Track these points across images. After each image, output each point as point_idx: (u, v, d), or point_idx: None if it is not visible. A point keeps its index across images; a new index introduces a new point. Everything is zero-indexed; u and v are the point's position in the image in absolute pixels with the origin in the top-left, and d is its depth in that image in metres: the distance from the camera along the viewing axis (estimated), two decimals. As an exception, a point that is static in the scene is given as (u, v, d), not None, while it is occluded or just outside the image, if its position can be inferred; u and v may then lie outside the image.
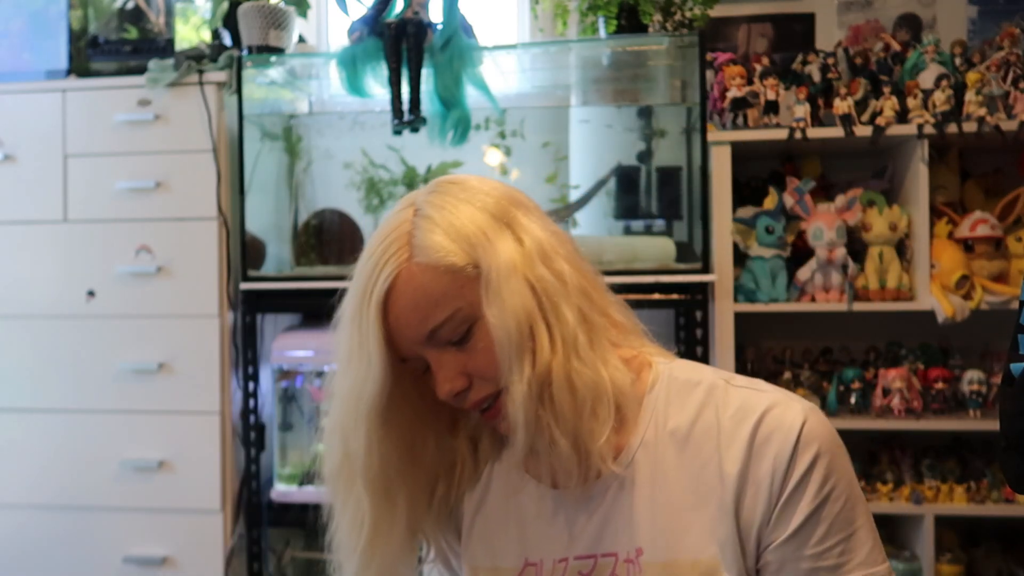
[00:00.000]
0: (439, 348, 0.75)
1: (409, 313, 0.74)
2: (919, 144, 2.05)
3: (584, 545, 0.79)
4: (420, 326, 0.74)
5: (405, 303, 0.74)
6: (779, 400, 0.77)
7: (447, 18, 2.00)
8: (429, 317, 0.74)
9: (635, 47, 2.16)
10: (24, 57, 2.29)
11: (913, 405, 2.05)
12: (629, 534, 0.77)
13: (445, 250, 0.74)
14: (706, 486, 0.75)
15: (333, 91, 2.38)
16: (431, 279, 0.74)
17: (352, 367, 0.76)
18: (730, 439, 0.75)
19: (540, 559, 0.81)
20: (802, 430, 0.74)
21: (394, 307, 0.74)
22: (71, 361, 2.15)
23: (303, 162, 2.43)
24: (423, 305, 0.74)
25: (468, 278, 0.74)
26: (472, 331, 0.74)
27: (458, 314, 0.74)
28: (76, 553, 2.14)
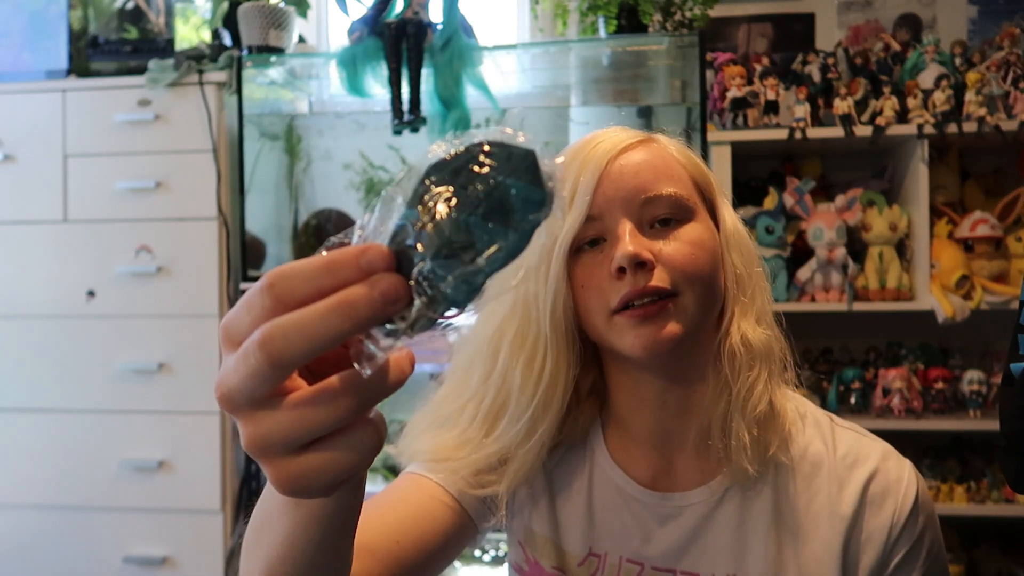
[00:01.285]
0: (639, 223, 0.71)
1: (642, 168, 0.71)
2: (919, 144, 2.05)
3: (662, 556, 0.75)
4: (647, 184, 0.71)
5: (640, 162, 0.72)
6: (890, 453, 0.77)
7: (447, 18, 2.00)
8: (659, 183, 0.71)
9: (635, 47, 2.16)
10: (24, 57, 2.29)
11: (913, 405, 2.05)
12: (718, 558, 0.73)
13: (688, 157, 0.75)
14: (811, 523, 0.73)
15: (333, 91, 2.38)
16: (671, 160, 0.74)
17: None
18: (842, 481, 0.74)
19: (605, 552, 0.77)
20: (919, 493, 0.74)
21: (626, 158, 0.72)
22: (71, 361, 2.15)
23: (303, 162, 2.43)
24: (660, 170, 0.72)
25: (698, 193, 0.74)
26: (682, 224, 0.71)
27: (684, 199, 0.72)
28: (76, 553, 2.14)
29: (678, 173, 0.73)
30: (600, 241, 0.71)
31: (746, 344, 0.72)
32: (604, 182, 0.70)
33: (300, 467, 0.38)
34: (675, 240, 0.70)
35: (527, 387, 0.72)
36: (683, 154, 0.75)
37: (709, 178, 0.76)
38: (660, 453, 0.77)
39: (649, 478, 0.77)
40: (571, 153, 0.73)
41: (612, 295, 0.69)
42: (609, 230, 0.71)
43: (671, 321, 0.69)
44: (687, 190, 0.72)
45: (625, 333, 0.69)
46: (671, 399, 0.75)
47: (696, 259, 0.70)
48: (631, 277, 0.68)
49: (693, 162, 0.75)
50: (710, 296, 0.71)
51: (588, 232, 0.71)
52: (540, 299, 0.71)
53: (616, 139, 0.73)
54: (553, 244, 0.70)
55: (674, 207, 0.71)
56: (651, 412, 0.76)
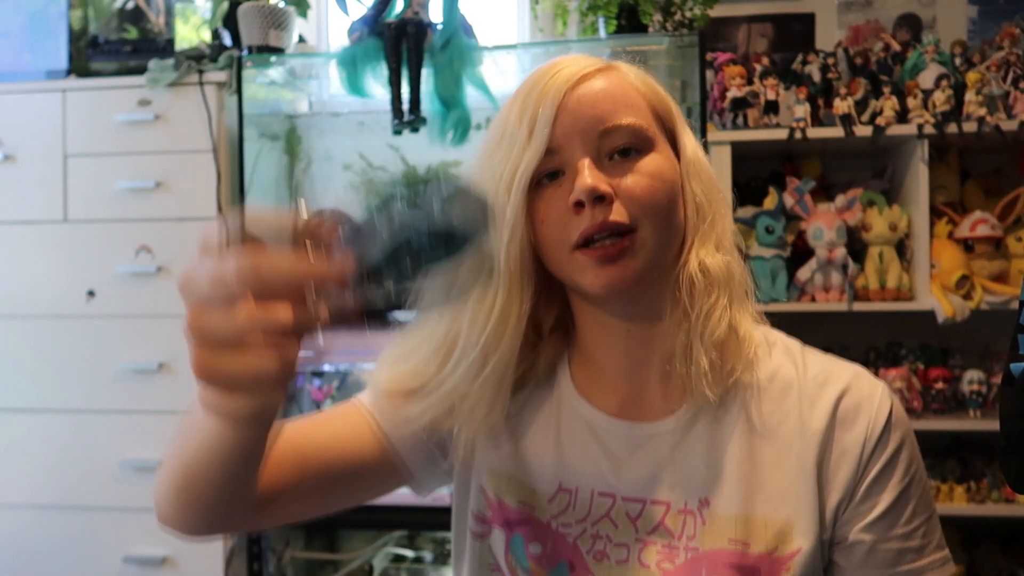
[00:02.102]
0: (598, 156, 0.69)
1: (601, 99, 0.70)
2: (919, 144, 2.05)
3: (632, 486, 0.74)
4: (605, 115, 0.69)
5: (599, 89, 0.70)
6: (862, 373, 0.76)
7: (447, 18, 2.00)
8: (619, 113, 0.70)
9: (635, 47, 2.16)
10: (24, 57, 2.29)
11: (913, 405, 2.05)
12: (693, 483, 0.73)
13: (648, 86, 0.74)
14: (783, 442, 0.72)
15: (333, 91, 2.38)
16: (631, 89, 0.72)
17: (507, 143, 0.70)
18: (813, 399, 0.73)
19: (576, 487, 0.75)
20: (892, 409, 0.73)
21: (585, 87, 0.70)
22: (71, 361, 2.15)
23: (303, 162, 2.43)
24: (619, 100, 0.70)
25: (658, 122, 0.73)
26: (642, 156, 0.70)
27: (644, 130, 0.71)
28: (76, 553, 2.14)
29: (637, 102, 0.72)
30: (559, 174, 0.70)
31: (704, 270, 0.71)
32: (562, 114, 0.69)
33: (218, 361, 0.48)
34: (634, 172, 0.69)
35: (477, 320, 0.71)
36: (643, 82, 0.74)
37: (669, 106, 0.75)
38: (628, 384, 0.76)
39: (617, 409, 0.76)
40: (530, 82, 0.72)
41: (572, 230, 0.69)
42: (568, 163, 0.70)
43: (631, 259, 0.69)
44: (646, 119, 0.72)
45: (586, 270, 0.69)
46: (635, 330, 0.75)
47: (655, 191, 0.69)
48: (590, 211, 0.68)
49: (653, 90, 0.74)
50: (669, 228, 0.71)
51: (547, 165, 0.70)
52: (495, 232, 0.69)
53: (574, 68, 0.71)
54: (512, 178, 0.69)
55: (633, 137, 0.70)
56: (617, 344, 0.76)
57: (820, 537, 0.71)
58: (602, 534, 0.74)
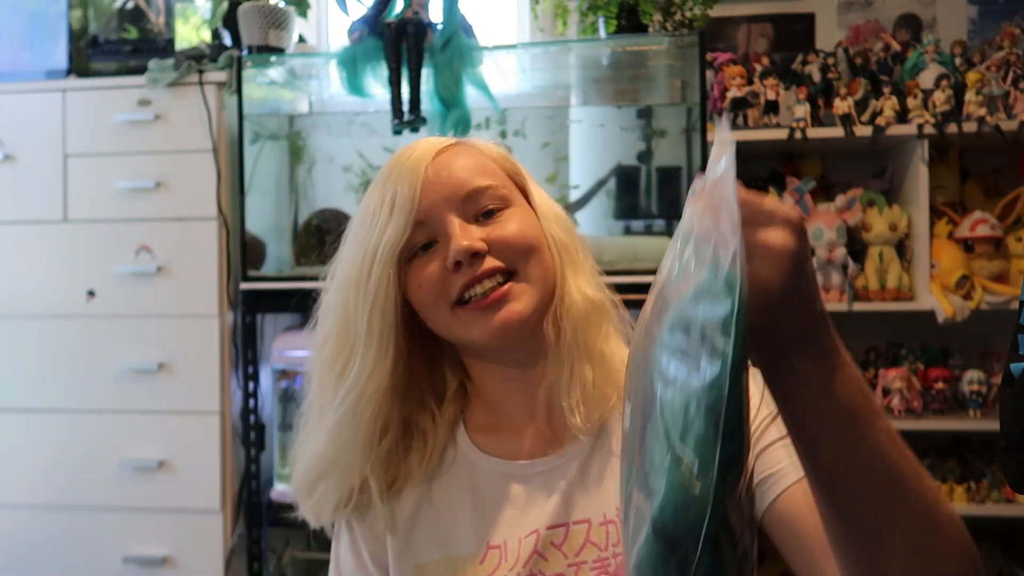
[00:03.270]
0: (465, 217, 0.76)
1: (457, 169, 0.77)
2: (919, 144, 2.05)
3: (553, 515, 0.78)
4: (464, 182, 0.76)
5: (454, 161, 0.78)
6: None
7: (447, 18, 2.00)
8: (476, 178, 0.77)
9: (635, 47, 2.16)
10: (24, 57, 2.29)
11: (913, 405, 2.05)
12: (605, 496, 0.77)
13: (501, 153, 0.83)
14: None
15: (333, 91, 2.38)
16: (482, 157, 0.80)
17: (370, 223, 0.76)
18: None
19: (503, 539, 0.78)
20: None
21: (441, 161, 0.77)
22: (71, 361, 2.15)
23: (306, 162, 2.43)
24: (473, 167, 0.78)
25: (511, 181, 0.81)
26: (503, 211, 0.77)
27: (500, 190, 0.78)
28: (76, 553, 2.14)
29: (490, 167, 0.80)
30: (432, 244, 0.76)
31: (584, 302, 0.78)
32: (425, 188, 0.75)
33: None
34: (501, 223, 0.76)
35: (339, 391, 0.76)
36: (493, 150, 0.83)
37: (518, 168, 0.83)
38: (536, 422, 0.81)
39: (528, 450, 0.81)
40: (388, 168, 0.78)
41: (451, 287, 0.75)
42: (438, 231, 0.76)
43: (514, 302, 0.74)
44: (501, 180, 0.79)
45: (471, 324, 0.75)
46: (531, 372, 0.80)
47: (524, 234, 0.76)
48: (468, 268, 0.74)
49: (503, 156, 0.82)
50: (542, 269, 0.77)
51: (419, 237, 0.76)
52: (358, 305, 0.75)
53: (428, 145, 0.79)
54: (375, 253, 0.75)
55: (493, 197, 0.77)
56: (518, 390, 0.81)
57: None
58: (535, 571, 0.77)
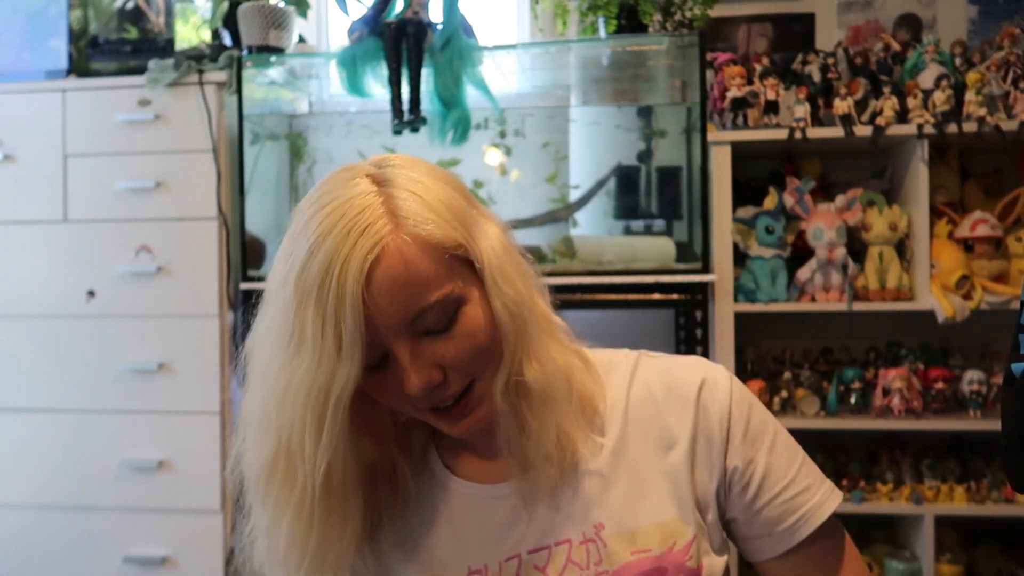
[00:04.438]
0: (415, 337, 0.68)
1: (396, 293, 0.66)
2: (919, 144, 2.05)
3: (535, 538, 0.77)
4: (407, 309, 0.66)
5: (392, 283, 0.66)
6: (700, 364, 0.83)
7: (447, 18, 2.00)
8: (419, 298, 0.66)
9: (635, 47, 2.16)
10: (24, 57, 2.29)
11: (913, 405, 2.05)
12: (582, 515, 0.77)
13: (436, 224, 0.68)
14: (653, 452, 0.78)
15: (333, 91, 2.38)
16: (423, 255, 0.67)
17: (310, 354, 0.66)
18: (667, 405, 0.79)
19: (484, 564, 0.77)
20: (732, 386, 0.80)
21: (380, 280, 0.65)
22: (71, 361, 2.15)
23: (307, 162, 2.43)
24: (414, 283, 0.66)
25: (458, 258, 0.69)
26: (456, 316, 0.69)
27: (449, 297, 0.68)
28: (76, 553, 2.14)
29: (434, 269, 0.67)
30: (385, 359, 0.69)
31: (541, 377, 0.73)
32: (368, 319, 0.65)
33: None
34: (454, 339, 0.69)
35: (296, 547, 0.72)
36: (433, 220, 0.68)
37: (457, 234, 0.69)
38: (504, 450, 0.76)
39: (501, 472, 0.79)
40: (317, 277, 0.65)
41: (418, 410, 0.72)
42: (390, 350, 0.68)
43: (479, 406, 0.72)
44: (449, 280, 0.68)
45: (441, 424, 0.74)
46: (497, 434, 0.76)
47: (476, 347, 0.70)
48: (429, 398, 0.70)
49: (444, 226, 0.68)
50: (497, 361, 0.72)
51: (371, 358, 0.68)
52: (308, 457, 0.68)
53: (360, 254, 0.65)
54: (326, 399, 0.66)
55: (442, 312, 0.68)
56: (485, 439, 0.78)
57: (705, 519, 0.77)
58: None
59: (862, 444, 2.24)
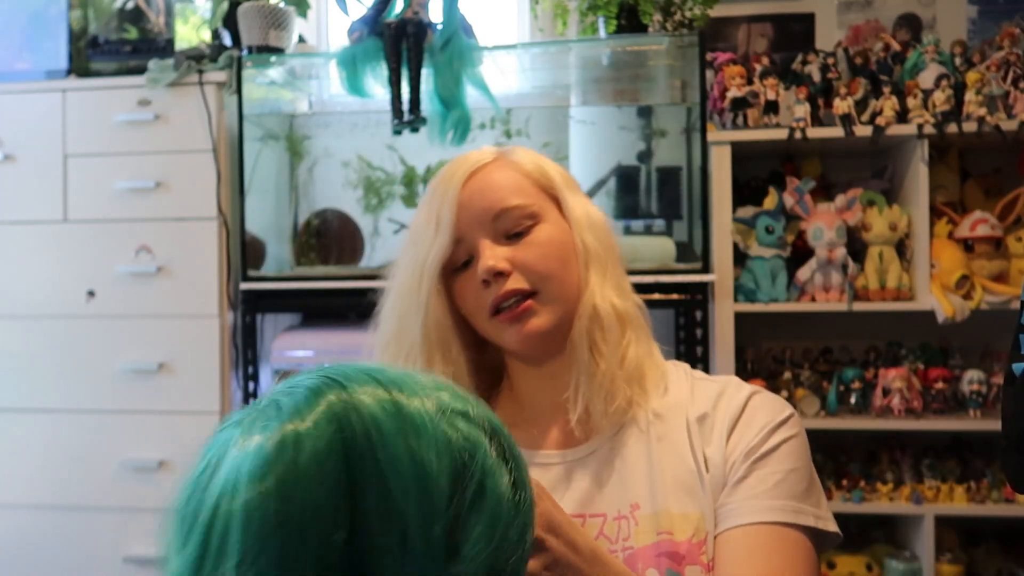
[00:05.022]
0: (495, 237, 0.82)
1: (488, 189, 0.83)
2: (919, 144, 2.05)
3: (570, 506, 0.81)
4: (491, 206, 0.82)
5: (487, 181, 0.84)
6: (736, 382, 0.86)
7: (447, 18, 2.00)
8: (505, 198, 0.82)
9: (635, 47, 2.16)
10: (24, 57, 2.29)
11: (913, 405, 2.05)
12: (621, 494, 0.81)
13: (534, 166, 0.86)
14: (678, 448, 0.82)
15: (333, 91, 2.38)
16: (513, 172, 0.85)
17: (419, 240, 0.84)
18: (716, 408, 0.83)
19: None
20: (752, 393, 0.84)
21: (475, 182, 0.83)
22: (71, 361, 2.15)
23: (308, 161, 2.43)
24: (504, 186, 0.83)
25: (545, 191, 0.86)
26: (532, 230, 0.83)
27: (529, 208, 0.83)
28: (76, 553, 2.14)
29: (521, 185, 0.84)
30: (471, 260, 0.83)
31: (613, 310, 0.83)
32: (460, 210, 0.82)
33: None
34: (527, 245, 0.82)
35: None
36: (531, 162, 0.87)
37: (553, 180, 0.86)
38: (555, 418, 0.86)
39: (549, 442, 0.86)
40: (433, 184, 0.86)
41: (484, 301, 0.82)
42: (473, 249, 0.83)
43: (535, 316, 0.82)
44: (531, 198, 0.84)
45: (503, 332, 0.83)
46: (557, 373, 0.85)
47: (546, 257, 0.82)
48: (494, 286, 0.81)
49: (539, 169, 0.86)
50: (564, 283, 0.83)
51: (459, 255, 0.83)
52: (411, 315, 0.84)
53: (467, 165, 0.85)
54: (422, 269, 0.83)
55: (521, 217, 0.83)
56: (543, 386, 0.87)
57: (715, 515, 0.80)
58: None
59: (862, 444, 2.24)
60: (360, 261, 2.33)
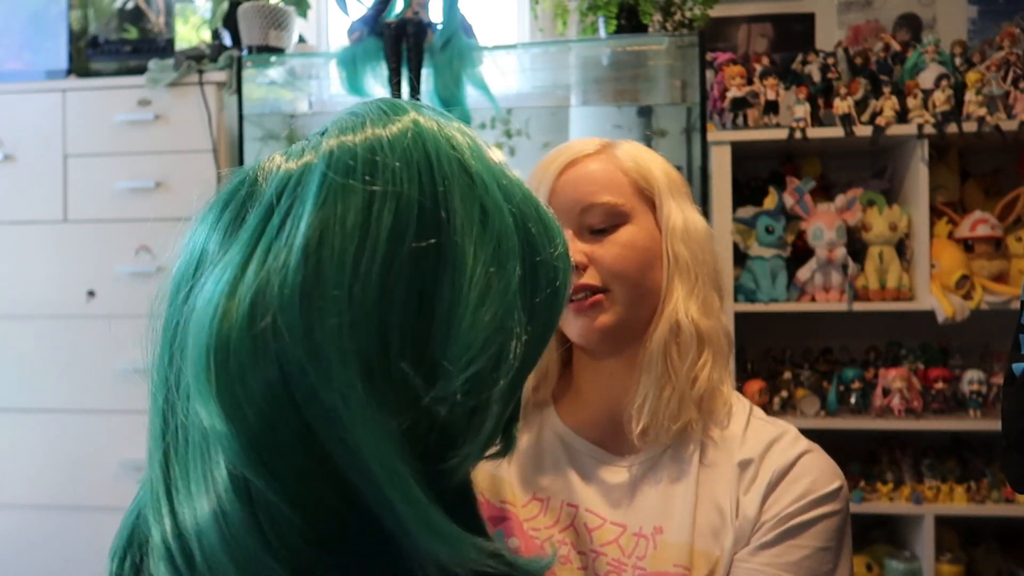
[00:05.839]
0: (579, 230, 0.81)
1: (582, 181, 0.82)
2: (919, 144, 2.05)
3: (596, 503, 0.83)
4: (580, 199, 0.81)
5: (583, 172, 0.83)
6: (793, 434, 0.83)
7: (447, 18, 2.00)
8: (596, 192, 0.81)
9: (635, 47, 2.16)
10: (24, 57, 2.29)
11: (913, 405, 2.05)
12: (647, 514, 0.81)
13: (636, 164, 0.84)
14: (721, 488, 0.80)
15: (333, 91, 2.38)
16: (610, 167, 0.83)
17: None
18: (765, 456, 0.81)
19: (547, 497, 0.84)
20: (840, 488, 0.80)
21: (572, 172, 0.83)
22: (71, 361, 2.15)
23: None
24: (597, 180, 0.82)
25: (642, 192, 0.83)
26: (618, 228, 0.81)
27: (616, 206, 0.81)
28: (76, 553, 2.14)
29: (617, 181, 0.83)
30: None
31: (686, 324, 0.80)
32: (552, 197, 0.82)
33: None
34: (609, 244, 0.81)
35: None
36: (632, 159, 0.84)
37: (652, 181, 0.84)
38: (606, 418, 0.85)
39: (594, 438, 0.86)
40: (536, 168, 0.85)
41: None
42: None
43: (602, 314, 0.81)
44: (624, 197, 0.82)
45: (568, 322, 0.82)
46: (617, 374, 0.84)
47: (624, 259, 0.80)
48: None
49: (640, 167, 0.84)
50: (640, 288, 0.81)
51: None
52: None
53: (568, 153, 0.84)
54: None
55: (607, 215, 0.81)
56: (600, 383, 0.86)
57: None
58: (567, 541, 0.82)
59: (862, 444, 2.24)
60: (360, 261, 2.32)
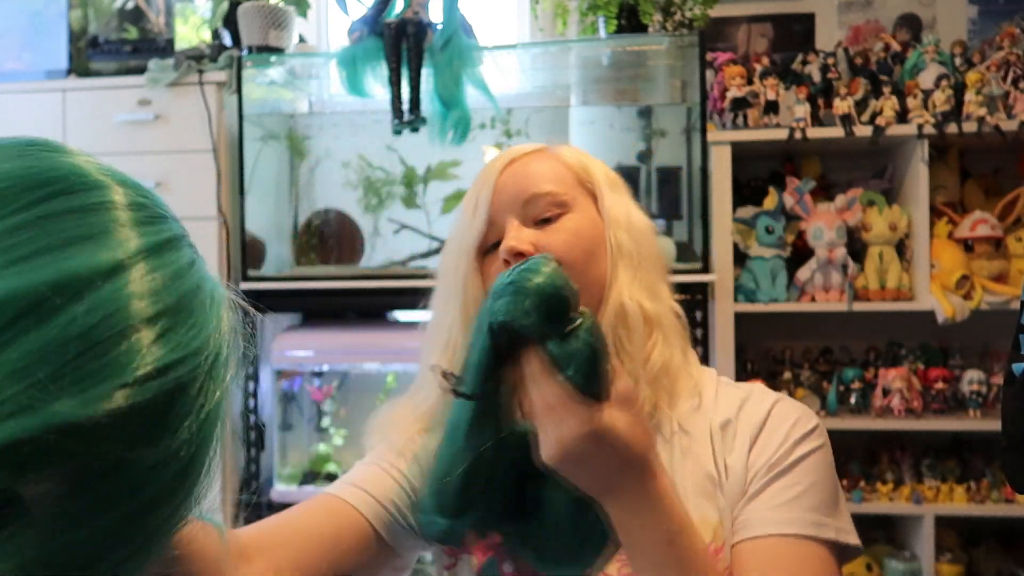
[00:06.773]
0: (524, 220, 0.83)
1: (524, 176, 0.85)
2: (919, 144, 2.05)
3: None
4: (523, 190, 0.83)
5: (525, 168, 0.85)
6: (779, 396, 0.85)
7: (447, 18, 2.00)
8: (534, 185, 0.83)
9: (635, 47, 2.16)
10: (24, 57, 2.29)
11: (913, 405, 2.05)
12: None
13: (576, 160, 0.87)
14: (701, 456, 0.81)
15: (333, 91, 2.38)
16: (551, 162, 0.87)
17: (460, 222, 0.87)
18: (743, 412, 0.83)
19: None
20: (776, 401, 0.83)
21: (514, 168, 0.86)
22: (71, 361, 2.15)
23: (304, 162, 2.43)
24: (539, 173, 0.85)
25: (581, 188, 0.86)
26: (560, 218, 0.83)
27: (561, 196, 0.83)
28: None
29: (558, 174, 0.85)
30: (500, 242, 0.84)
31: (632, 308, 0.81)
32: (495, 194, 0.84)
33: None
34: (553, 231, 0.82)
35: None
36: (574, 156, 0.88)
37: (593, 176, 0.87)
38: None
39: None
40: (481, 171, 0.88)
41: None
42: (503, 231, 0.83)
43: None
44: (566, 187, 0.84)
45: None
46: None
47: (571, 245, 0.81)
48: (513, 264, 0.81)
49: (581, 164, 0.87)
50: (585, 275, 0.81)
51: (491, 236, 0.84)
52: (451, 293, 0.86)
53: (511, 153, 0.88)
54: (460, 248, 0.86)
55: (551, 204, 0.83)
56: None
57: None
58: None
59: (862, 444, 2.24)
60: (360, 261, 2.33)
